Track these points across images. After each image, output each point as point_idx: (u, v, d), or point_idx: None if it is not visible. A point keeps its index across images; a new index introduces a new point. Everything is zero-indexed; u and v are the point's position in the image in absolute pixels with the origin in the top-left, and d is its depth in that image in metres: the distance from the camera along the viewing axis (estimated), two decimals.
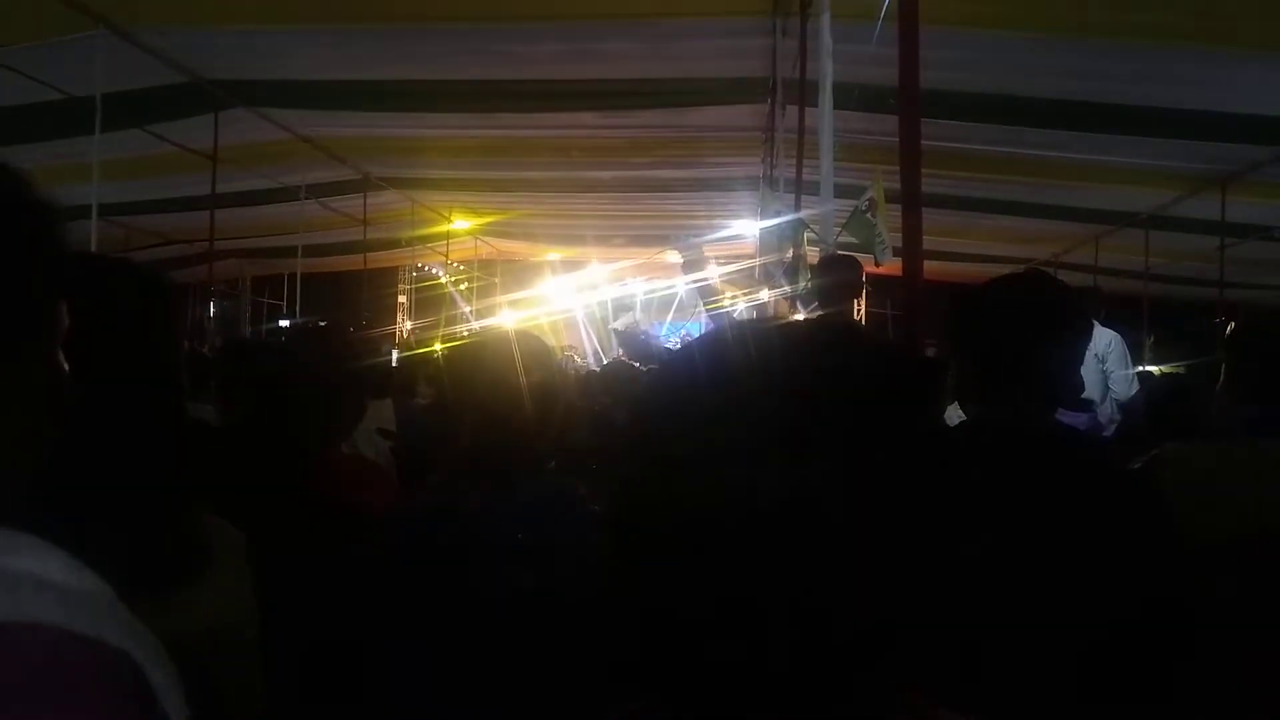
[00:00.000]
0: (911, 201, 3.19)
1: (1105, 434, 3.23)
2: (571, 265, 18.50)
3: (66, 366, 0.73)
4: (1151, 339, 12.22)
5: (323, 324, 13.37)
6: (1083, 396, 3.88)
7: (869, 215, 3.42)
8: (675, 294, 16.60)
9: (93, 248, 6.80)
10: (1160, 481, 1.63)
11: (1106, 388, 4.63)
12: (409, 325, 18.30)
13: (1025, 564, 1.13)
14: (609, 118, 8.56)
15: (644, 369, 4.25)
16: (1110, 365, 4.33)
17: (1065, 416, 3.44)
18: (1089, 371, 4.30)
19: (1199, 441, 2.07)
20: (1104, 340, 4.71)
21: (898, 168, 3.40)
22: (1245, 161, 7.89)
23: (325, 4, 6.11)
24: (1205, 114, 6.72)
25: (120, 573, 0.59)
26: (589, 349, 17.07)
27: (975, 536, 1.11)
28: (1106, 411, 4.33)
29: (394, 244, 14.21)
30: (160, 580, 1.01)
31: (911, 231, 3.19)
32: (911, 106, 3.30)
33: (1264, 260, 10.36)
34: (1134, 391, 4.38)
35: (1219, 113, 6.69)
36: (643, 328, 14.15)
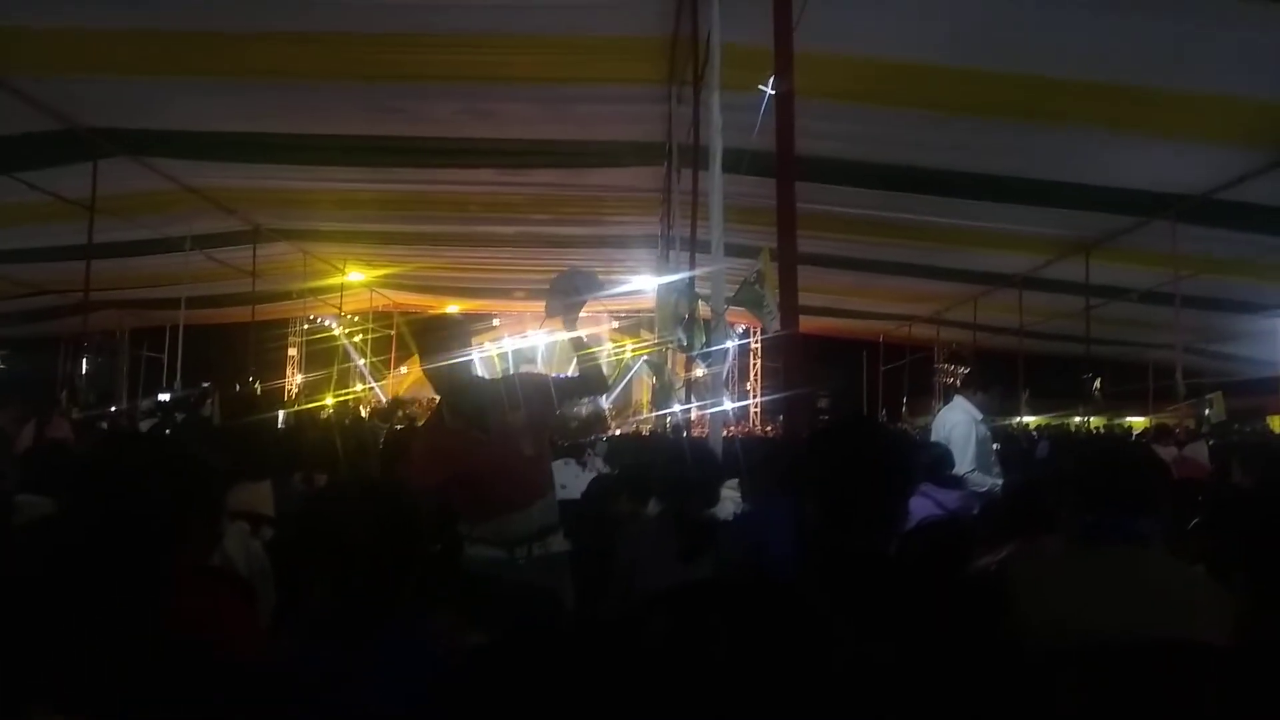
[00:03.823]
0: (788, 261, 3.29)
1: (973, 511, 3.36)
2: (472, 318, 18.34)
3: None
4: (1026, 391, 12.92)
5: (201, 390, 12.48)
6: (952, 474, 4.06)
7: (757, 286, 3.53)
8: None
9: None
10: (1000, 593, 1.73)
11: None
12: (298, 379, 17.74)
13: (872, 684, 1.18)
14: (509, 175, 8.60)
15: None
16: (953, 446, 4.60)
17: (937, 494, 3.56)
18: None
19: (1050, 538, 2.20)
20: (947, 425, 4.97)
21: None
22: (1106, 230, 8.55)
23: (212, 56, 5.95)
24: (1069, 185, 7.23)
25: None
26: None
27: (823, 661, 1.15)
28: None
29: (285, 296, 13.80)
30: None
31: (789, 289, 3.27)
32: (787, 173, 3.40)
33: (1124, 319, 11.14)
34: (971, 469, 4.64)
35: (1081, 185, 7.22)
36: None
